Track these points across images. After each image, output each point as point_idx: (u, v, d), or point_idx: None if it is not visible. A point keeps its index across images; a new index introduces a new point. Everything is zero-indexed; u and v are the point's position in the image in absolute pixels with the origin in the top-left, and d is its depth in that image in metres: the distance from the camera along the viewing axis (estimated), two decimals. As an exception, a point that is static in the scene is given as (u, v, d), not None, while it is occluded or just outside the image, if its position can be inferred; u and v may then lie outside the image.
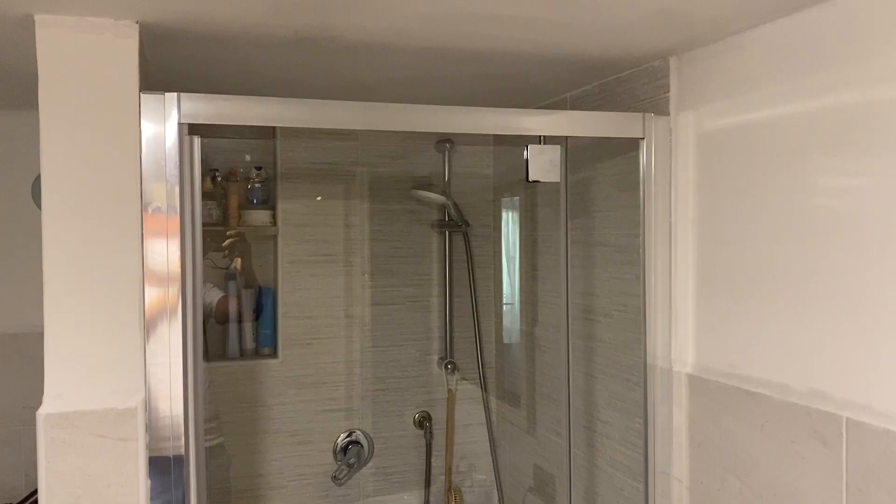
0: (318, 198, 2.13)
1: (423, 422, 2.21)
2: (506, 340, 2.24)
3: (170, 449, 1.17)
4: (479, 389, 2.23)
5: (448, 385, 2.23)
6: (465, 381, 2.25)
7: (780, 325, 1.16)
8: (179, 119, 1.15)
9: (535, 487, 2.01)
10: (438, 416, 2.23)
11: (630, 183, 1.50)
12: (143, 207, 1.14)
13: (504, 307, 2.24)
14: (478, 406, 2.23)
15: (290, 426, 2.09)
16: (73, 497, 1.11)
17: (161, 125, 1.14)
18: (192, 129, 1.16)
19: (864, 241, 1.02)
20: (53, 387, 1.13)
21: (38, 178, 1.12)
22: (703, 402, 1.32)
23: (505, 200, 2.24)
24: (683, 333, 1.40)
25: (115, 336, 1.14)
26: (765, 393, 1.18)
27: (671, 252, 1.42)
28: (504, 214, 2.25)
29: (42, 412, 1.11)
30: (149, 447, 1.14)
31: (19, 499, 1.93)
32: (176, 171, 1.14)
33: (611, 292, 1.63)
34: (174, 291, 1.14)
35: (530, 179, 1.34)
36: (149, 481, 1.14)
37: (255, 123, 1.19)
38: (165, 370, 1.15)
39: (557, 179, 1.35)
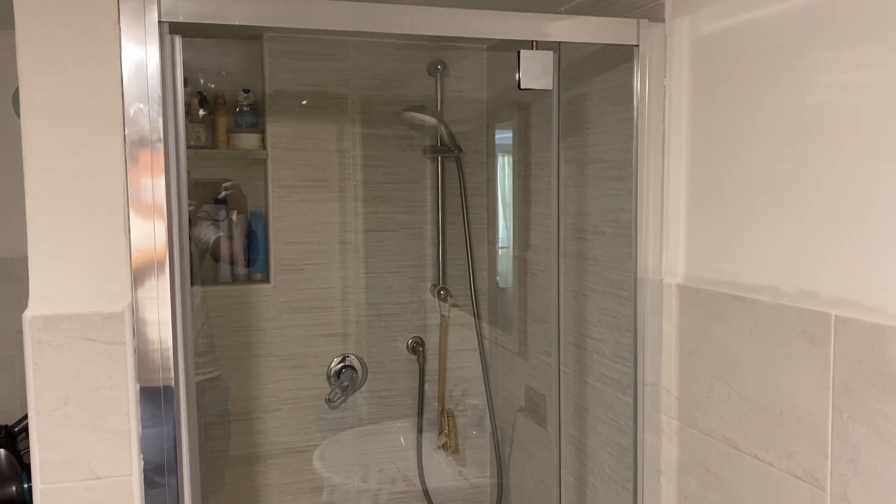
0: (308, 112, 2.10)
1: (417, 347, 2.23)
2: (498, 267, 2.23)
3: (159, 380, 1.17)
4: (472, 316, 2.23)
5: (441, 311, 2.23)
6: (457, 308, 2.25)
7: (772, 230, 1.15)
8: (160, 17, 1.11)
9: (526, 407, 2.03)
10: (431, 341, 2.24)
11: (624, 96, 1.47)
12: (125, 108, 1.11)
13: (497, 233, 2.23)
14: (470, 332, 2.24)
15: (283, 350, 2.10)
16: (61, 400, 1.11)
17: (141, 24, 1.11)
18: (172, 29, 1.13)
19: (866, 139, 1.00)
20: (38, 290, 1.12)
21: (18, 89, 1.10)
22: (693, 312, 1.32)
23: (498, 126, 2.21)
24: (674, 245, 1.39)
25: (99, 239, 1.12)
26: (755, 297, 1.17)
27: (664, 163, 1.40)
28: (497, 140, 2.22)
29: (28, 315, 1.10)
30: (139, 379, 1.13)
31: (13, 421, 1.95)
32: (157, 73, 1.11)
33: (603, 209, 1.62)
34: (159, 189, 1.12)
35: (522, 87, 1.31)
36: (137, 385, 1.14)
37: (238, 22, 1.15)
38: (152, 288, 1.14)
39: (549, 87, 1.33)
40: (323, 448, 2.16)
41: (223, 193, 2.12)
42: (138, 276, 1.13)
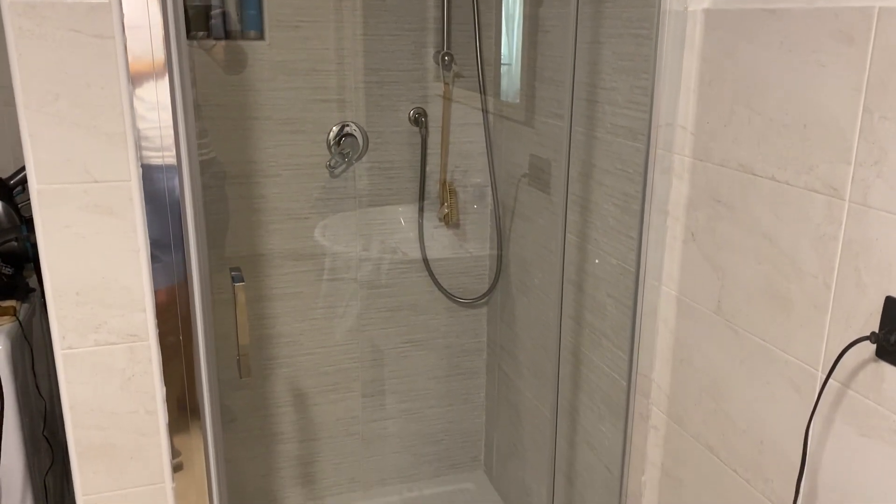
0: None
1: (419, 118, 2.16)
2: (505, 31, 2.11)
3: (161, 158, 1.11)
4: (476, 84, 2.15)
5: (444, 80, 2.14)
6: (461, 79, 2.16)
7: (817, -76, 1.04)
8: None
9: (530, 175, 2.00)
10: (434, 113, 2.17)
11: None
12: None
13: (505, -5, 2.09)
14: (474, 103, 2.17)
15: (281, 114, 2.03)
16: (50, 95, 1.05)
17: None
18: None
19: None
20: (15, -27, 1.03)
21: None
22: (718, 36, 1.24)
23: None
24: (704, -31, 1.28)
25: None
26: (787, 6, 1.09)
27: None
28: None
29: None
30: (140, 158, 1.07)
31: (8, 174, 1.91)
32: None
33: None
34: None
35: None
36: (131, 85, 1.08)
37: None
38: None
39: None
40: (324, 217, 2.15)
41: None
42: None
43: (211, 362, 1.29)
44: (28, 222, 1.89)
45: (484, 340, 2.41)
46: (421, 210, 2.23)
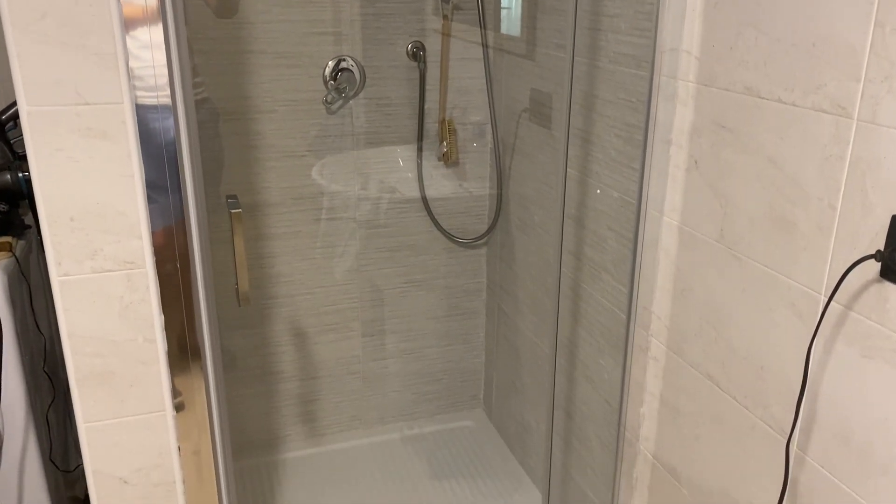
0: None
1: (417, 52, 2.11)
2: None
3: (155, 98, 1.08)
4: (476, 17, 2.10)
5: (443, 12, 2.09)
6: (461, 12, 2.11)
7: None
8: None
9: (531, 110, 1.96)
10: (432, 47, 2.13)
11: None
12: None
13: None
14: (474, 38, 2.12)
15: (276, 48, 1.98)
16: (36, 13, 1.02)
17: None
18: None
19: None
20: None
21: None
22: (726, -45, 1.20)
23: None
24: None
25: None
26: (801, -81, 1.05)
27: None
28: None
29: None
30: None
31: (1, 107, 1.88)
32: None
33: None
34: None
35: None
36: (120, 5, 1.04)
37: None
38: None
39: None
40: (321, 156, 2.12)
41: None
42: None
43: (210, 297, 1.28)
44: (22, 158, 1.86)
45: (483, 281, 2.41)
46: (420, 149, 2.20)
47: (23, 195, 1.85)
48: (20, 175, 1.85)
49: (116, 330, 1.18)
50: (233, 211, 1.17)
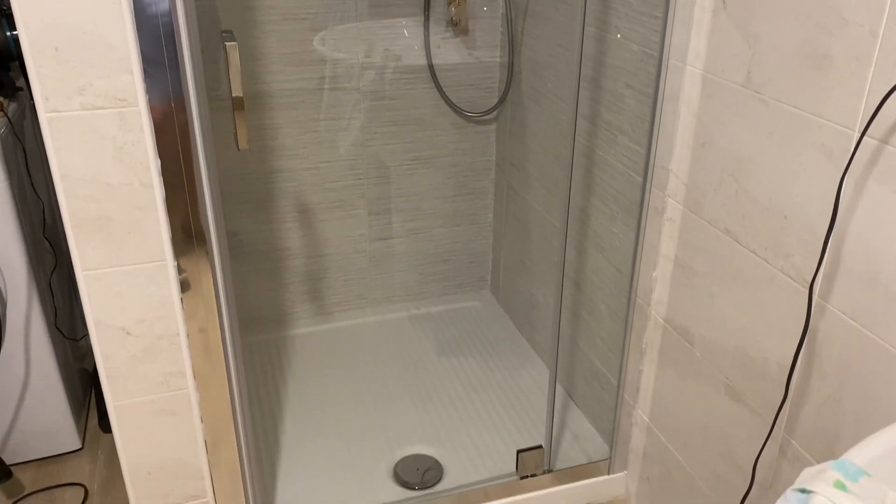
0: None
1: None
2: None
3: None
4: None
5: None
6: None
7: None
8: None
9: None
10: None
11: None
12: None
13: None
14: None
15: None
16: None
17: None
18: None
19: None
20: None
21: None
22: None
23: None
24: None
25: None
26: None
27: None
28: None
29: None
30: None
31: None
32: None
33: None
34: None
35: None
36: None
37: None
38: None
39: None
40: (323, 18, 2.01)
41: None
42: None
43: (213, 172, 1.21)
44: (9, 17, 1.77)
45: (492, 159, 2.34)
46: (427, 15, 2.09)
47: (12, 56, 1.77)
48: (8, 34, 1.77)
49: (111, 172, 1.13)
50: (228, 44, 1.09)
